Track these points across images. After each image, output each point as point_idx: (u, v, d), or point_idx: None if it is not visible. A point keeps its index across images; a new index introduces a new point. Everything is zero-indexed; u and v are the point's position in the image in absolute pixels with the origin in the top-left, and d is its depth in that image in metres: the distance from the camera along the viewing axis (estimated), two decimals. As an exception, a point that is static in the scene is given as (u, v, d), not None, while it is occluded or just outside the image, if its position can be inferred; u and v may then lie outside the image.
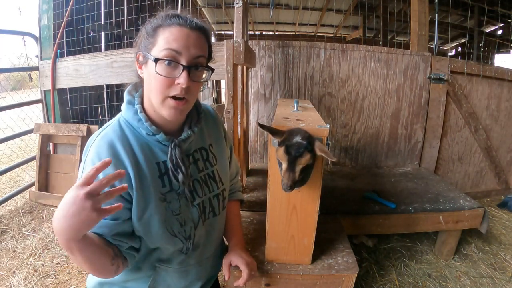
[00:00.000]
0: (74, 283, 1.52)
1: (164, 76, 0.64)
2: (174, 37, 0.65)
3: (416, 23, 2.19)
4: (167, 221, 0.71)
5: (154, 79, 0.66)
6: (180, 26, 0.66)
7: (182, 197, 0.74)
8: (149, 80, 0.67)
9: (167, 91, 0.66)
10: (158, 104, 0.67)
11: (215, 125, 0.90)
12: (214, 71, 0.73)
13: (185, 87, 0.65)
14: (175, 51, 0.64)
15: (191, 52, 0.66)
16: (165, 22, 0.66)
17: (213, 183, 0.83)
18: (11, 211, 2.23)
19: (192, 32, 0.66)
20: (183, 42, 0.65)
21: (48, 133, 2.33)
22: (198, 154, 0.81)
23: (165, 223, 0.71)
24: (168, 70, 0.65)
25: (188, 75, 0.65)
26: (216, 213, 0.84)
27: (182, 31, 0.65)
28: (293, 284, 1.03)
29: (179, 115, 0.69)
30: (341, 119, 2.26)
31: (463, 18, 4.95)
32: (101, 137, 0.68)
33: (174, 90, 0.66)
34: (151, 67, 0.65)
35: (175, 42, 0.64)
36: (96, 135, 0.70)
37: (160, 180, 0.71)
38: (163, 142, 0.72)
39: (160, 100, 0.67)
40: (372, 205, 1.62)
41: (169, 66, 0.65)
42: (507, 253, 1.78)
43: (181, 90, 0.65)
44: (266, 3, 4.93)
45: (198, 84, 0.70)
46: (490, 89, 2.32)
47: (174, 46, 0.64)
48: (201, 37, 0.68)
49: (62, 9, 2.42)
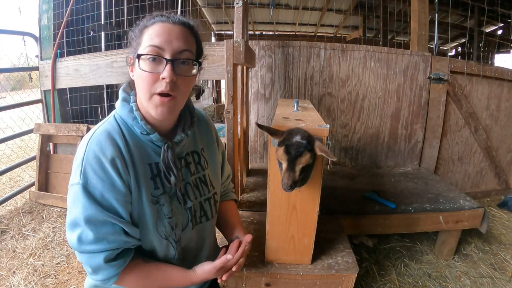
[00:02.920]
0: (74, 283, 1.52)
1: (148, 72, 0.64)
2: (156, 33, 0.64)
3: (416, 23, 2.19)
4: (159, 223, 0.71)
5: (139, 77, 0.65)
6: (163, 22, 0.66)
7: (174, 200, 0.73)
8: (137, 80, 0.67)
9: (153, 87, 0.65)
10: (146, 102, 0.67)
11: (208, 129, 0.89)
12: (201, 65, 0.72)
13: (170, 82, 0.64)
14: (157, 47, 0.64)
15: (174, 46, 0.64)
16: (149, 22, 0.67)
17: (204, 187, 0.82)
18: (11, 211, 2.23)
19: (175, 27, 0.66)
20: (165, 36, 0.64)
21: (48, 133, 2.33)
22: (190, 157, 0.80)
23: (157, 225, 0.70)
24: (152, 66, 0.64)
25: (172, 69, 0.64)
26: (209, 217, 0.83)
27: (165, 26, 0.65)
28: (293, 284, 1.03)
29: (166, 113, 0.67)
30: (341, 119, 2.26)
31: (463, 18, 4.95)
32: (101, 132, 0.66)
33: (159, 86, 0.64)
34: (137, 66, 0.65)
35: (157, 37, 0.64)
36: (93, 131, 0.67)
37: (152, 181, 0.70)
38: (157, 143, 0.71)
39: (147, 98, 0.66)
40: (372, 205, 1.62)
41: (153, 62, 0.64)
42: (507, 253, 1.78)
43: (166, 84, 0.64)
44: (266, 3, 4.93)
45: (185, 79, 0.68)
46: (490, 89, 2.32)
47: (156, 41, 0.64)
48: (185, 32, 0.67)
49: (62, 9, 2.42)
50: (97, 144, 0.64)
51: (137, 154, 0.68)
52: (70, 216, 0.64)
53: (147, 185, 0.69)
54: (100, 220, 0.62)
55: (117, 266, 0.66)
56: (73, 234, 0.63)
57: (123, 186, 0.64)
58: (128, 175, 0.66)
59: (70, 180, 0.65)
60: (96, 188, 0.62)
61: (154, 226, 0.70)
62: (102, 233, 0.63)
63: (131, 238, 0.67)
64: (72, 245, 0.65)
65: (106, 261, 0.64)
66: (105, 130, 0.67)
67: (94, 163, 0.62)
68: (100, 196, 0.62)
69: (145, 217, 0.69)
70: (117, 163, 0.64)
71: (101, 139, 0.65)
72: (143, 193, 0.68)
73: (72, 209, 0.63)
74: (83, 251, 0.64)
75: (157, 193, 0.71)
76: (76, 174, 0.63)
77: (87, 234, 0.62)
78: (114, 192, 0.63)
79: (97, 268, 0.65)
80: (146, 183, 0.69)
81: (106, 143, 0.64)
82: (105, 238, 0.63)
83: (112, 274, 0.66)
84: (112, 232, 0.64)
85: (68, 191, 0.65)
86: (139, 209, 0.68)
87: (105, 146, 0.64)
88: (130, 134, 0.69)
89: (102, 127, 0.68)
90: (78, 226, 0.63)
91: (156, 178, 0.71)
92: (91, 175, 0.62)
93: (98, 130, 0.67)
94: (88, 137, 0.66)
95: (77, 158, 0.64)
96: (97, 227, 0.62)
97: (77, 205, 0.62)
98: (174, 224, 0.73)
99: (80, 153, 0.64)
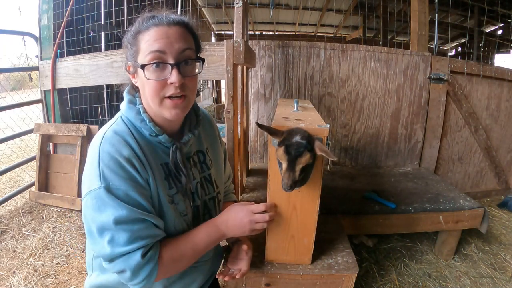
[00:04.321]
0: (74, 283, 1.52)
1: (155, 80, 0.63)
2: (154, 39, 0.63)
3: (416, 23, 2.19)
4: (176, 222, 0.71)
5: (147, 85, 0.65)
6: (158, 26, 0.64)
7: (186, 199, 0.74)
8: (143, 87, 0.67)
9: (161, 92, 0.65)
10: (157, 107, 0.66)
11: (211, 128, 0.90)
12: (205, 61, 0.71)
13: (179, 85, 0.64)
14: (159, 51, 0.63)
15: (176, 48, 0.64)
16: (142, 27, 0.65)
17: (209, 186, 0.83)
18: (11, 211, 2.22)
19: (171, 28, 0.65)
20: (164, 40, 0.63)
21: (48, 133, 2.33)
22: (196, 157, 0.81)
23: (175, 224, 0.71)
24: (157, 73, 0.64)
25: (178, 72, 0.64)
26: (212, 215, 0.84)
27: (161, 30, 0.64)
28: (293, 284, 1.03)
29: (180, 113, 0.68)
30: (341, 119, 2.26)
31: (463, 18, 4.95)
32: (112, 134, 0.65)
33: (169, 91, 0.65)
34: (141, 75, 0.64)
35: (157, 42, 0.63)
36: (102, 135, 0.65)
37: (166, 181, 0.71)
38: (165, 144, 0.71)
39: (158, 103, 0.66)
40: (372, 205, 1.62)
41: (158, 68, 0.63)
42: (507, 253, 1.78)
43: (175, 89, 0.64)
44: (266, 3, 4.94)
45: (192, 78, 0.68)
46: (490, 89, 2.32)
47: (156, 47, 0.63)
48: (182, 31, 0.66)
49: (62, 9, 2.42)
50: (111, 145, 0.63)
51: (150, 155, 0.68)
52: (96, 223, 0.61)
53: (163, 185, 0.70)
54: (131, 219, 0.61)
55: (153, 257, 0.64)
56: (103, 240, 0.61)
57: (144, 182, 0.65)
58: (147, 174, 0.66)
59: (85, 188, 0.62)
60: (119, 188, 0.61)
61: (173, 224, 0.71)
62: (135, 231, 0.61)
63: (159, 230, 0.67)
64: (103, 252, 0.61)
65: (143, 256, 0.62)
66: (116, 132, 0.66)
67: (112, 164, 0.61)
68: (125, 195, 0.61)
69: (165, 216, 0.69)
70: (134, 162, 0.63)
71: (114, 140, 0.64)
72: (161, 193, 0.68)
73: (96, 216, 0.61)
74: (117, 254, 0.61)
75: (172, 192, 0.71)
76: (95, 178, 0.61)
77: (119, 236, 0.60)
78: (137, 188, 0.63)
79: (137, 267, 0.62)
80: (162, 183, 0.69)
81: (119, 144, 0.63)
82: (139, 236, 0.62)
83: (152, 266, 0.64)
84: (144, 228, 0.63)
85: (85, 199, 0.62)
86: (159, 208, 0.68)
87: (120, 146, 0.63)
88: (139, 135, 0.69)
89: (111, 129, 0.67)
90: (107, 230, 0.60)
91: (169, 178, 0.72)
92: (111, 176, 0.61)
93: (108, 132, 0.66)
94: (99, 141, 0.64)
95: (92, 164, 0.62)
96: (129, 226, 0.61)
97: (103, 209, 0.60)
98: (189, 221, 0.75)
99: (93, 158, 0.62)
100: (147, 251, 0.64)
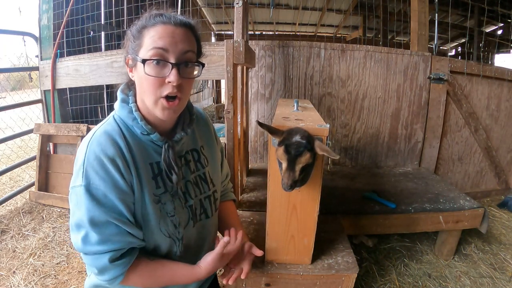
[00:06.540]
0: (74, 283, 1.52)
1: (154, 76, 0.64)
2: (159, 36, 0.64)
3: (416, 23, 2.19)
4: (162, 222, 0.71)
5: (145, 81, 0.65)
6: (165, 24, 0.65)
7: (176, 199, 0.74)
8: (140, 82, 0.67)
9: (158, 91, 0.65)
10: (151, 105, 0.67)
11: (207, 127, 0.90)
12: (204, 66, 0.72)
13: (176, 85, 0.64)
14: (162, 49, 0.63)
15: (179, 48, 0.65)
16: (149, 22, 0.65)
17: (204, 185, 0.83)
18: (11, 211, 2.22)
19: (178, 29, 0.65)
20: (169, 39, 0.64)
21: (48, 133, 2.33)
22: (189, 155, 0.81)
23: (160, 224, 0.70)
24: (157, 69, 0.64)
25: (178, 72, 0.64)
26: (209, 215, 0.83)
27: (167, 29, 0.64)
28: (293, 284, 1.03)
29: (173, 114, 0.69)
30: (341, 119, 2.26)
31: (463, 18, 4.96)
32: (101, 133, 0.66)
33: (165, 89, 0.65)
34: (141, 69, 0.65)
35: (161, 40, 0.63)
36: (92, 133, 0.67)
37: (153, 181, 0.71)
38: (157, 142, 0.71)
39: (153, 101, 0.66)
40: (372, 205, 1.62)
41: (158, 66, 0.64)
42: (507, 253, 1.78)
43: (172, 88, 0.65)
44: (266, 3, 4.94)
45: (189, 81, 0.69)
46: (490, 89, 2.32)
47: (160, 44, 0.63)
48: (187, 33, 0.67)
49: (62, 9, 2.42)
50: (98, 145, 0.64)
51: (138, 154, 0.68)
52: (74, 218, 0.64)
53: (149, 184, 0.69)
54: (103, 221, 0.62)
55: (123, 266, 0.66)
56: (78, 236, 0.63)
57: (126, 185, 0.64)
58: (130, 174, 0.66)
59: (71, 182, 0.64)
60: (98, 189, 0.62)
61: (157, 225, 0.70)
62: (106, 234, 0.63)
63: (135, 238, 0.67)
64: (77, 247, 0.64)
65: (111, 261, 0.64)
66: (105, 131, 0.67)
67: (96, 163, 0.62)
68: (103, 197, 0.62)
69: (149, 216, 0.69)
70: (118, 163, 0.64)
71: (102, 140, 0.64)
72: (146, 192, 0.68)
73: (76, 211, 0.63)
74: (88, 252, 0.64)
75: (159, 192, 0.71)
76: (78, 176, 0.63)
77: (91, 235, 0.62)
78: (116, 191, 0.63)
79: (103, 268, 0.65)
80: (148, 183, 0.69)
81: (106, 143, 0.64)
82: (109, 239, 0.63)
83: (118, 274, 0.66)
84: (116, 233, 0.64)
85: (70, 193, 0.64)
86: (142, 209, 0.68)
87: (106, 146, 0.64)
88: (131, 134, 0.69)
89: (101, 128, 0.68)
90: (82, 227, 0.62)
91: (157, 177, 0.71)
92: (93, 176, 0.62)
93: (98, 131, 0.67)
94: (88, 139, 0.66)
95: (78, 160, 0.64)
96: (101, 228, 0.62)
97: (80, 207, 0.62)
98: (177, 222, 0.74)
99: (80, 155, 0.64)
100: (119, 258, 0.65)
